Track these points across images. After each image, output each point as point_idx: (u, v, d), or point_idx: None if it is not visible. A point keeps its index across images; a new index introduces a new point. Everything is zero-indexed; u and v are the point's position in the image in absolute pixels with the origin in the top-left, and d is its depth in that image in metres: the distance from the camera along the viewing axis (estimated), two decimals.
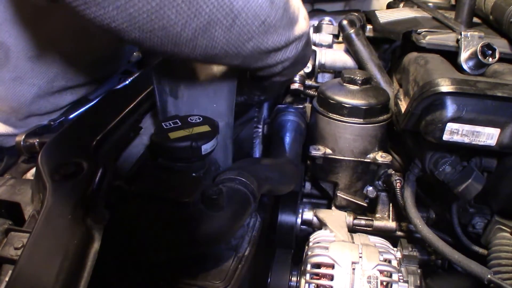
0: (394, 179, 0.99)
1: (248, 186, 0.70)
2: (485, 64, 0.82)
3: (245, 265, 0.72)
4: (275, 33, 0.62)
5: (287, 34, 0.65)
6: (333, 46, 1.25)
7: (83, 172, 0.64)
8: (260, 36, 0.60)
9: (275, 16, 0.60)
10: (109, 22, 0.49)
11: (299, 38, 0.69)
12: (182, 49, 0.56)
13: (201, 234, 0.63)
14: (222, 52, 0.59)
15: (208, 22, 0.53)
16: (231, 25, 0.55)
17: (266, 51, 0.64)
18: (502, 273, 0.81)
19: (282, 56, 0.68)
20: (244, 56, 0.62)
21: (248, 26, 0.57)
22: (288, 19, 0.64)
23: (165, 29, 0.52)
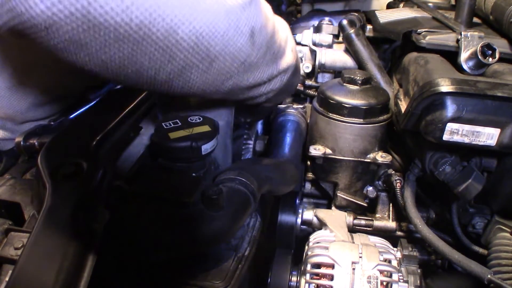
0: (394, 179, 0.99)
1: (248, 186, 0.70)
2: (485, 64, 0.82)
3: (245, 265, 0.72)
4: (256, 70, 0.61)
5: (271, 70, 0.63)
6: (333, 46, 1.25)
7: (83, 172, 0.64)
8: (240, 75, 0.59)
9: (256, 55, 0.58)
10: (82, 65, 0.49)
11: (285, 71, 0.67)
12: (158, 88, 0.55)
13: (201, 234, 0.63)
14: (200, 91, 0.58)
15: (183, 66, 0.52)
16: (208, 68, 0.54)
17: (246, 87, 0.63)
18: (502, 273, 0.81)
19: (266, 89, 0.66)
20: (223, 93, 0.61)
21: (227, 67, 0.56)
22: (272, 55, 0.62)
23: (139, 73, 0.51)
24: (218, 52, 0.53)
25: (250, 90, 0.65)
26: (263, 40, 0.58)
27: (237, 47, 0.54)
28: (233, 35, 0.53)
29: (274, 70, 0.64)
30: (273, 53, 0.62)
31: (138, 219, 0.64)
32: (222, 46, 0.52)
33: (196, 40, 0.49)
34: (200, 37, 0.49)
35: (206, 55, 0.52)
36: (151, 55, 0.49)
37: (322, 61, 1.22)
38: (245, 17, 0.53)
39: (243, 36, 0.54)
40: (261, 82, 0.64)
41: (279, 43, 0.64)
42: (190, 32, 0.48)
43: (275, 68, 0.64)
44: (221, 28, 0.51)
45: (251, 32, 0.55)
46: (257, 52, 0.58)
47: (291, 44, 0.70)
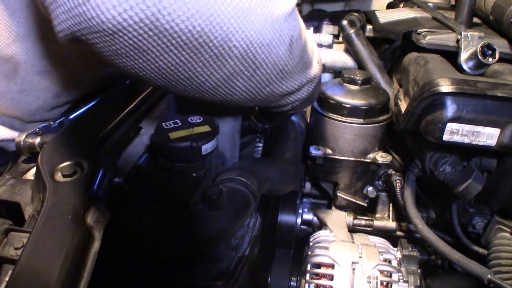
0: (394, 179, 0.99)
1: (248, 186, 0.70)
2: (485, 64, 0.82)
3: (245, 265, 0.72)
4: (290, 78, 0.63)
5: (301, 78, 0.66)
6: (333, 46, 1.25)
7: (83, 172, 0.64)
8: (277, 82, 0.61)
9: (292, 63, 0.61)
10: (137, 71, 0.50)
11: (312, 81, 0.70)
12: (203, 95, 0.57)
13: (201, 234, 0.63)
14: (241, 98, 0.60)
15: (231, 73, 0.54)
16: (252, 75, 0.56)
17: (280, 94, 0.65)
18: (502, 273, 0.81)
19: (295, 98, 0.69)
20: (259, 100, 0.63)
21: (267, 75, 0.58)
22: (303, 64, 0.65)
23: (190, 79, 0.53)
24: (262, 60, 0.55)
25: (281, 98, 0.67)
26: (298, 49, 0.61)
27: (278, 55, 0.57)
28: (276, 44, 0.55)
29: (304, 79, 0.67)
30: (304, 62, 0.65)
31: (138, 219, 0.64)
32: (267, 54, 0.55)
33: (246, 48, 0.52)
34: (250, 45, 0.52)
35: (253, 63, 0.54)
36: (205, 62, 0.51)
37: (322, 61, 1.22)
38: (287, 27, 0.56)
39: (284, 45, 0.57)
40: (293, 90, 0.66)
41: (309, 53, 0.67)
42: (242, 40, 0.50)
43: (304, 77, 0.67)
44: (268, 37, 0.53)
45: (290, 41, 0.58)
46: (293, 60, 0.61)
47: (317, 55, 0.73)
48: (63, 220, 0.56)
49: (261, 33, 0.53)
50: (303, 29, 0.64)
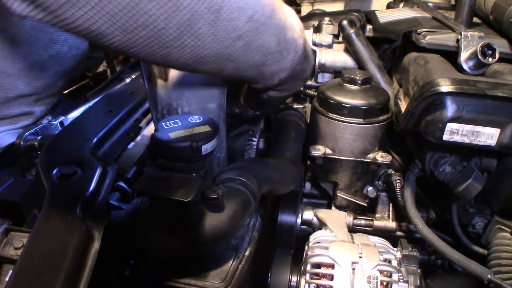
0: (394, 179, 0.99)
1: (248, 186, 0.70)
2: (485, 64, 0.82)
3: (245, 265, 0.72)
4: (266, 32, 0.60)
5: (279, 37, 0.63)
6: (333, 46, 1.25)
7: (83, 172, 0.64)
8: (250, 35, 0.58)
9: (262, 13, 0.58)
10: (89, 25, 0.47)
11: (295, 49, 0.67)
12: (170, 50, 0.54)
13: (201, 234, 0.63)
14: (212, 52, 0.57)
15: (190, 16, 0.51)
16: (215, 20, 0.53)
17: (258, 58, 0.62)
18: (502, 273, 0.80)
19: (277, 67, 0.66)
20: (236, 60, 0.60)
21: (234, 21, 0.55)
22: (279, 21, 0.62)
23: (148, 27, 0.50)
24: (222, 0, 0.52)
25: (262, 66, 0.64)
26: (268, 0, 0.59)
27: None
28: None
29: (282, 39, 0.64)
30: (280, 19, 0.62)
31: (139, 219, 0.64)
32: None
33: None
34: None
35: (211, 3, 0.51)
36: (158, 1, 0.48)
37: (322, 61, 1.22)
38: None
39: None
40: (272, 52, 0.63)
41: (284, 14, 0.64)
42: None
43: (283, 37, 0.64)
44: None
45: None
46: (263, 9, 0.58)
47: (299, 24, 0.70)
48: (63, 220, 0.56)
49: None
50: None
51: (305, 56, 0.72)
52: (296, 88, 0.82)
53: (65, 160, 0.67)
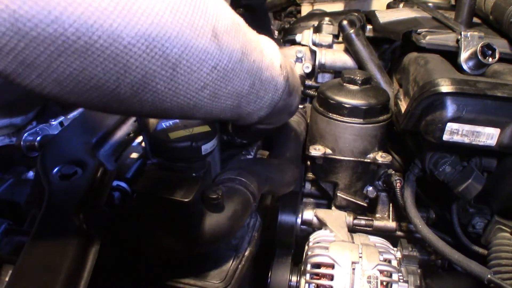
0: (394, 179, 0.99)
1: (248, 186, 0.70)
2: (485, 64, 0.82)
3: (245, 265, 0.72)
4: (236, 78, 0.56)
5: (254, 80, 0.59)
6: (333, 46, 1.25)
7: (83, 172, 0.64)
8: (217, 83, 0.54)
9: (229, 59, 0.54)
10: (41, 90, 0.45)
11: (275, 88, 0.64)
12: (129, 106, 0.51)
13: (201, 234, 0.63)
14: (176, 104, 0.53)
15: (144, 75, 0.48)
16: (173, 75, 0.50)
17: (232, 101, 0.59)
18: (502, 273, 0.80)
19: (254, 107, 0.62)
20: (205, 107, 0.56)
21: (195, 73, 0.52)
22: (252, 63, 0.58)
23: (99, 88, 0.47)
24: (178, 55, 0.49)
25: (237, 108, 0.61)
26: (233, 42, 0.54)
27: (200, 49, 0.50)
28: (190, 35, 0.48)
29: (257, 81, 0.60)
30: (253, 61, 0.58)
31: (138, 219, 0.64)
32: (181, 48, 0.48)
33: (147, 43, 0.46)
34: (150, 39, 0.45)
35: (165, 60, 0.48)
36: (103, 66, 0.45)
37: (322, 61, 1.22)
38: (199, 14, 0.49)
39: (203, 37, 0.50)
40: (245, 94, 0.60)
41: (261, 52, 0.60)
42: (137, 36, 0.44)
43: (258, 79, 0.60)
44: (173, 28, 0.47)
45: (213, 32, 0.51)
46: (230, 55, 0.54)
47: (279, 59, 0.66)
48: (63, 220, 0.56)
49: (161, 25, 0.46)
50: (239, 22, 0.57)
51: (288, 92, 0.69)
52: (283, 121, 0.80)
53: (65, 160, 0.67)
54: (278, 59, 0.66)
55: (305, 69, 1.23)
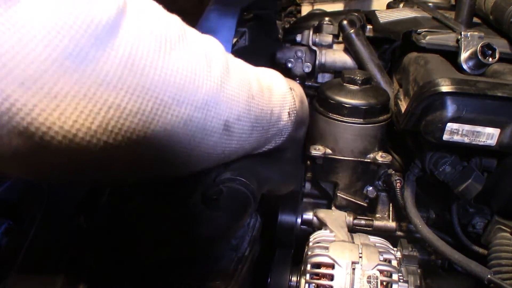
0: (394, 179, 0.99)
1: (248, 186, 0.70)
2: (485, 64, 0.82)
3: (245, 265, 0.72)
4: (241, 150, 0.57)
5: (259, 142, 0.59)
6: (333, 46, 1.25)
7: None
8: (223, 159, 0.56)
9: (238, 140, 0.55)
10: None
11: (280, 133, 0.64)
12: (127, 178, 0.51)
13: (201, 234, 0.63)
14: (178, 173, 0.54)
15: (159, 165, 0.48)
16: (185, 162, 0.51)
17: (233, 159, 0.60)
18: (502, 273, 0.80)
19: (258, 151, 0.64)
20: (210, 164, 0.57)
21: (205, 159, 0.53)
22: (261, 130, 0.58)
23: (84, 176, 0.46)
24: (190, 152, 0.49)
25: (237, 158, 0.63)
26: (244, 126, 0.55)
27: (210, 145, 0.51)
28: (201, 139, 0.48)
29: (262, 140, 0.61)
30: (262, 128, 0.59)
31: (138, 219, 0.64)
32: (193, 147, 0.48)
33: (158, 150, 0.45)
34: (162, 147, 0.45)
35: (176, 157, 0.48)
36: (89, 163, 0.43)
37: (322, 61, 1.22)
38: (213, 113, 0.48)
39: (215, 134, 0.50)
40: (248, 152, 0.61)
41: (269, 114, 0.60)
42: (149, 149, 0.44)
43: (263, 138, 0.61)
44: (181, 139, 0.46)
45: (225, 125, 0.51)
46: (238, 138, 0.55)
47: (288, 106, 0.66)
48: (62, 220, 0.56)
49: (172, 133, 0.44)
50: (254, 93, 0.56)
51: (296, 128, 0.69)
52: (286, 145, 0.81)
53: None
54: (287, 106, 0.66)
55: (305, 69, 1.23)
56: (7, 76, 0.32)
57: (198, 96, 0.46)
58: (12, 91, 0.33)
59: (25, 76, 0.33)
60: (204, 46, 0.49)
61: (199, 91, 0.46)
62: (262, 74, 0.63)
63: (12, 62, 0.32)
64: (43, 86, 0.34)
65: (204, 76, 0.47)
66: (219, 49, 0.52)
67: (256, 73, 0.60)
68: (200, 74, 0.46)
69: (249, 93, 0.55)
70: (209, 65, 0.48)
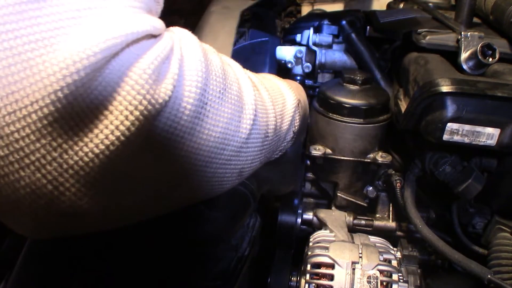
0: (394, 179, 0.99)
1: (247, 186, 0.70)
2: (485, 64, 0.82)
3: (245, 265, 0.72)
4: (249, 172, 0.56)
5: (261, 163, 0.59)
6: (333, 46, 1.25)
7: None
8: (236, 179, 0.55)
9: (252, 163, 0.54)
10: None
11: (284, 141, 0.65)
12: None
13: (201, 234, 0.63)
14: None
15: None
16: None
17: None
18: (502, 273, 0.80)
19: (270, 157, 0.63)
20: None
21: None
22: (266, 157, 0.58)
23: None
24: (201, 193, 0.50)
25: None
26: (256, 165, 0.55)
27: (220, 187, 0.52)
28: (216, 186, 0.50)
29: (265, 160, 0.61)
30: (268, 153, 0.59)
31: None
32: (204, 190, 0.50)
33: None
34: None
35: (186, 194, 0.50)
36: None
37: (322, 61, 1.22)
38: (233, 164, 0.49)
39: (228, 180, 0.51)
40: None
41: (277, 141, 0.61)
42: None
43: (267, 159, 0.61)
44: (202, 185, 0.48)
45: (239, 173, 0.51)
46: (246, 175, 0.55)
47: (295, 125, 0.66)
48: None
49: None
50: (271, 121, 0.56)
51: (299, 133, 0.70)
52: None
53: None
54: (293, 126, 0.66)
55: (305, 69, 1.23)
56: None
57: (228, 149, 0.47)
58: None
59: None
60: (238, 84, 0.49)
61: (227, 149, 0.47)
62: (275, 92, 0.62)
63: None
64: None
65: (235, 130, 0.47)
66: (248, 84, 0.51)
67: (271, 95, 0.58)
68: (232, 129, 0.46)
69: (266, 135, 0.55)
70: (240, 114, 0.48)
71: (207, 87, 0.41)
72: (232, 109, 0.45)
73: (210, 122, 0.42)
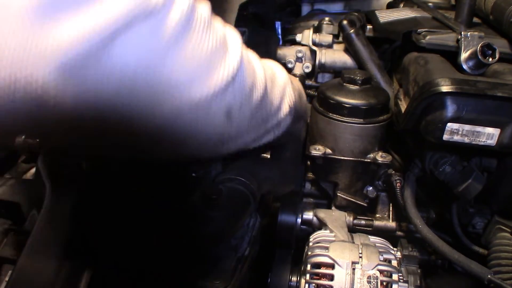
0: (394, 179, 0.99)
1: (248, 186, 0.70)
2: (485, 64, 0.82)
3: (245, 265, 0.72)
4: (239, 138, 0.58)
5: (257, 132, 0.61)
6: (333, 46, 1.25)
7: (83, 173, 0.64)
8: (219, 146, 0.56)
9: (237, 128, 0.56)
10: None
11: (278, 125, 0.65)
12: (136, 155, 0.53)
13: (201, 234, 0.63)
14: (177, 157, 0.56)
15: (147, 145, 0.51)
16: (180, 145, 0.52)
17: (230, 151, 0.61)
18: (502, 273, 0.80)
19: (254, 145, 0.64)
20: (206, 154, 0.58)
21: (202, 145, 0.54)
22: (258, 120, 0.59)
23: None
24: (185, 137, 0.50)
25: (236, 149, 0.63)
26: (245, 114, 0.56)
27: (210, 130, 0.52)
28: (203, 124, 0.50)
29: (261, 130, 0.62)
30: (261, 119, 0.60)
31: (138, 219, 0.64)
32: (191, 133, 0.50)
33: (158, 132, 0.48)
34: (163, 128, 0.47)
35: (174, 139, 0.50)
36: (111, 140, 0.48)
37: (322, 61, 1.22)
38: (217, 102, 0.50)
39: (216, 120, 0.51)
40: (247, 144, 0.62)
41: (269, 104, 0.62)
42: (149, 124, 0.46)
43: (262, 128, 0.62)
44: (185, 122, 0.48)
45: (227, 113, 0.52)
46: (238, 125, 0.56)
47: (288, 97, 0.67)
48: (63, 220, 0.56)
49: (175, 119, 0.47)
50: (257, 83, 0.57)
51: (292, 121, 0.70)
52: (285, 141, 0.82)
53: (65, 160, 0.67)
54: (287, 97, 0.67)
55: (305, 69, 1.23)
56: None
57: (211, 83, 0.48)
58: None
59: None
60: (224, 33, 0.51)
61: (214, 79, 0.48)
62: (265, 64, 0.64)
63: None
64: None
65: (221, 65, 0.49)
66: (237, 39, 0.54)
67: (261, 63, 0.61)
68: (217, 61, 0.48)
69: (254, 83, 0.56)
70: (225, 51, 0.50)
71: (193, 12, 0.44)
72: (215, 45, 0.47)
73: (195, 42, 0.44)
